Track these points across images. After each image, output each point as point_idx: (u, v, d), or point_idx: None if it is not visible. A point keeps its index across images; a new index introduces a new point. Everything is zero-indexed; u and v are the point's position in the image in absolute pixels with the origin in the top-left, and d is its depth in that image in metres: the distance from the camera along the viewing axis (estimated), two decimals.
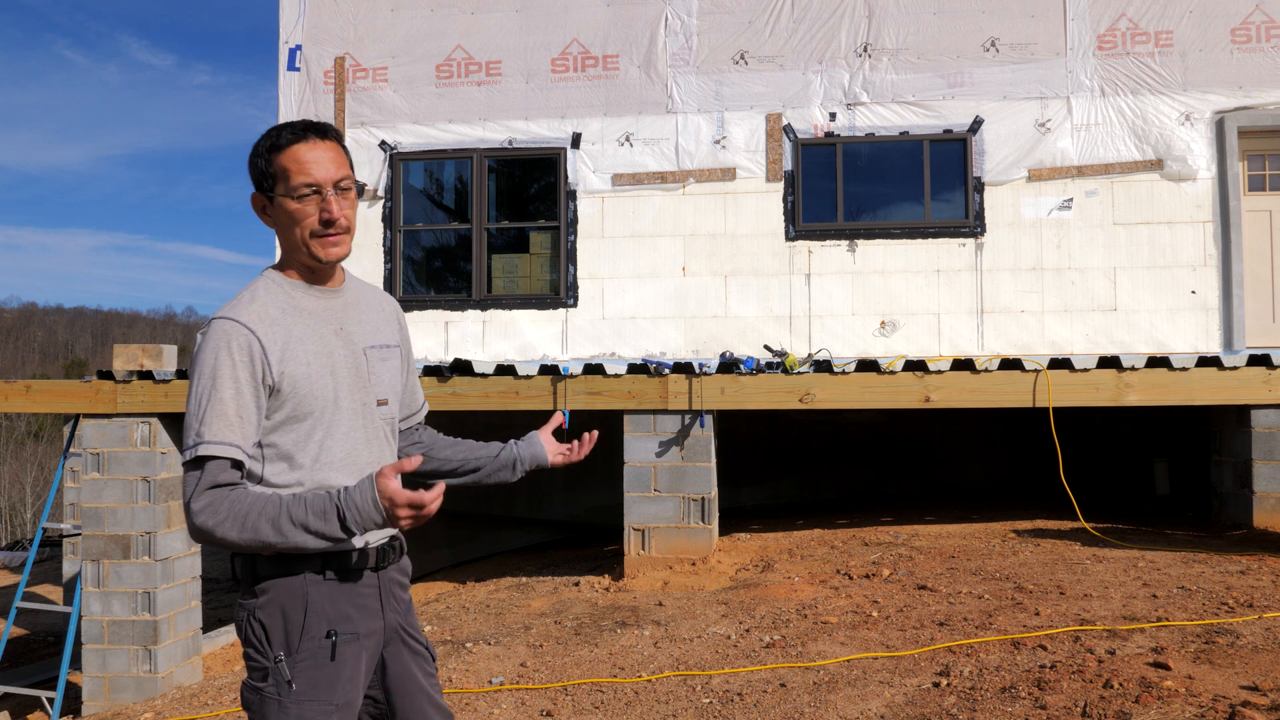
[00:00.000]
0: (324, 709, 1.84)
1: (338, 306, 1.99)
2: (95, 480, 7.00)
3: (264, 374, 1.83)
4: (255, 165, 1.92)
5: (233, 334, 1.82)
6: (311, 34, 9.15)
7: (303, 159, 1.88)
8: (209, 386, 1.80)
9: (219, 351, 1.81)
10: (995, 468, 9.56)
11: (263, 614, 1.86)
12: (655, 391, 6.76)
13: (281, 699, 1.83)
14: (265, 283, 1.93)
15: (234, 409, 1.79)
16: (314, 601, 1.86)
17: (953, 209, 8.40)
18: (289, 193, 1.88)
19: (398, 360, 2.12)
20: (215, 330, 1.83)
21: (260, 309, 1.87)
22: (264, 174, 1.91)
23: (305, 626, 1.85)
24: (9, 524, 37.62)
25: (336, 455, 1.92)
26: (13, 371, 64.24)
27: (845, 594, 5.48)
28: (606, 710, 4.19)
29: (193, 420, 1.79)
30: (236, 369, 1.80)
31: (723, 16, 8.65)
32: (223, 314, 1.85)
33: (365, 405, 1.98)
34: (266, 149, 1.90)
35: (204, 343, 1.84)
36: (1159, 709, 3.30)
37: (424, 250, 9.44)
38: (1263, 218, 8.22)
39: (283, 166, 1.88)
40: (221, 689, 6.22)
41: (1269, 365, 6.47)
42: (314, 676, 1.84)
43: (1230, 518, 6.84)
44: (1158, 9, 8.18)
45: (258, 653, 1.86)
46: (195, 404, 1.80)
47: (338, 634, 1.87)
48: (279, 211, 1.91)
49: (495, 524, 10.22)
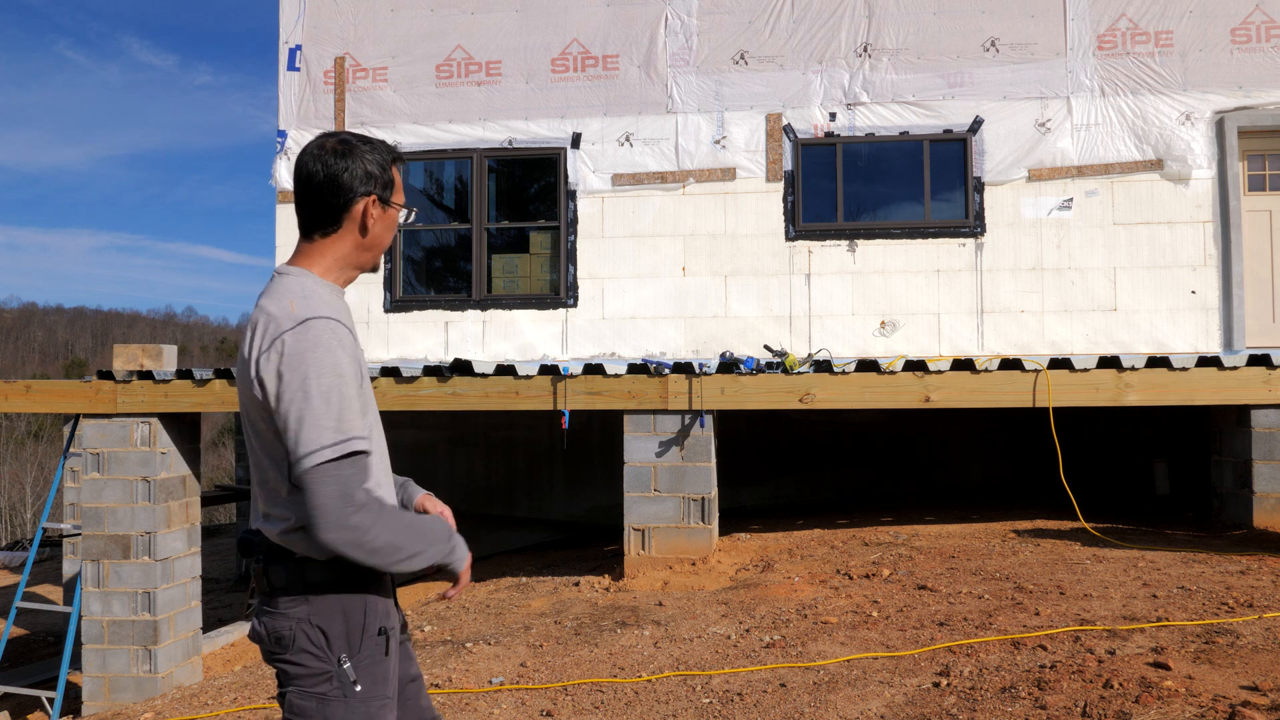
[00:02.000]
0: (385, 704, 1.91)
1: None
2: (95, 480, 7.00)
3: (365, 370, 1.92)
4: (380, 168, 1.96)
5: (338, 332, 1.84)
6: (311, 34, 9.15)
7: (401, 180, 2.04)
8: (334, 382, 1.79)
9: (334, 349, 1.81)
10: (995, 468, 9.56)
11: (320, 620, 1.86)
12: (655, 391, 6.76)
13: (348, 699, 1.85)
14: (313, 283, 1.93)
15: (359, 405, 1.84)
16: (371, 602, 1.91)
17: (953, 209, 8.40)
18: (401, 203, 2.02)
19: None
20: (321, 328, 1.81)
21: (339, 306, 1.91)
22: (390, 182, 1.98)
23: (365, 626, 1.89)
24: (9, 524, 37.62)
25: (381, 448, 2.01)
26: (13, 371, 64.24)
27: (845, 594, 5.48)
28: (606, 710, 4.19)
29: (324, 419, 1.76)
30: (354, 365, 1.85)
31: (723, 16, 8.65)
32: (318, 313, 1.83)
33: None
34: (391, 159, 1.99)
35: (309, 342, 1.80)
36: (1159, 709, 3.30)
37: (424, 250, 9.44)
38: (1263, 218, 8.22)
39: (398, 181, 2.01)
40: (221, 689, 6.22)
41: (1269, 365, 6.47)
42: (374, 673, 1.89)
43: (1230, 518, 6.83)
44: (1158, 9, 8.18)
45: (316, 658, 1.86)
46: (322, 402, 1.76)
47: (388, 630, 1.93)
48: (387, 220, 2.00)
49: (495, 524, 10.22)
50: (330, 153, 1.93)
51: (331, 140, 1.95)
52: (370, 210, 1.95)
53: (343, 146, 1.94)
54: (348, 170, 1.92)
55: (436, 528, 1.95)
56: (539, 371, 6.93)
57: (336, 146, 1.94)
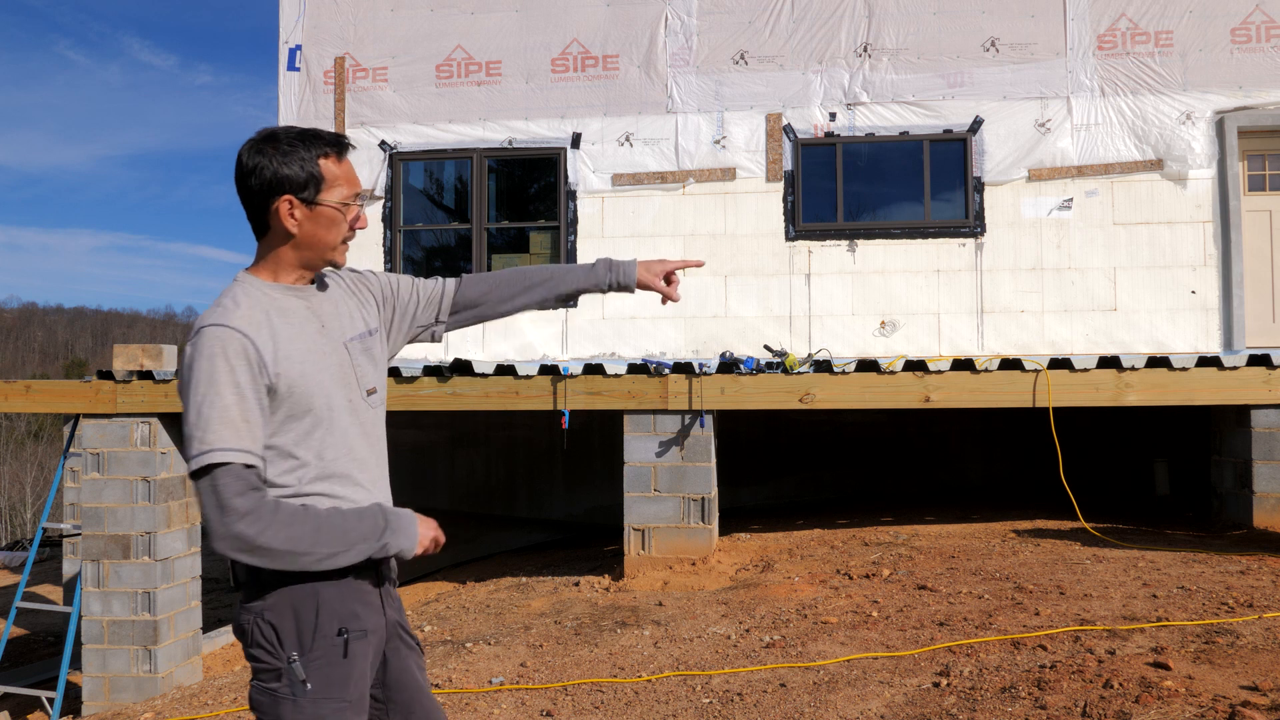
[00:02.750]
0: (339, 706, 1.86)
1: (315, 304, 1.99)
2: (95, 480, 7.00)
3: (262, 375, 1.82)
4: (298, 167, 1.88)
5: (226, 339, 1.79)
6: (311, 34, 9.15)
7: (349, 170, 1.97)
8: (207, 393, 1.76)
9: (214, 358, 1.77)
10: (995, 468, 9.56)
11: (272, 615, 1.85)
12: (655, 391, 6.76)
13: (296, 698, 1.84)
14: (244, 288, 1.90)
15: (238, 413, 1.77)
16: (325, 600, 1.87)
17: (953, 209, 8.40)
18: (339, 200, 1.93)
19: (378, 346, 2.13)
20: (207, 337, 1.79)
21: (246, 313, 1.84)
22: (311, 178, 1.90)
23: (318, 626, 1.86)
24: (9, 524, 37.63)
25: (337, 450, 1.93)
26: (13, 371, 64.25)
27: (845, 594, 5.48)
28: (606, 710, 4.19)
29: (194, 430, 1.75)
30: (236, 373, 1.78)
31: (723, 16, 8.64)
32: (211, 321, 1.81)
33: (353, 400, 1.99)
34: (318, 154, 1.91)
35: (195, 351, 1.79)
36: (1159, 709, 3.30)
37: (424, 250, 9.44)
38: (1263, 218, 8.22)
39: (333, 174, 1.93)
40: (221, 689, 6.22)
41: (1269, 365, 6.46)
42: (328, 674, 1.86)
43: (1230, 518, 6.83)
44: (1158, 9, 8.18)
45: (268, 654, 1.86)
46: (195, 413, 1.75)
47: (349, 631, 1.89)
48: (317, 217, 1.92)
49: (495, 524, 10.22)
50: (250, 152, 1.89)
51: (255, 140, 1.90)
52: (292, 212, 1.90)
53: (261, 146, 1.89)
54: (257, 174, 1.88)
55: (361, 525, 1.87)
56: (539, 371, 6.93)
57: (255, 147, 1.89)
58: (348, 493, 1.94)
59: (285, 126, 1.94)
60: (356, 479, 1.96)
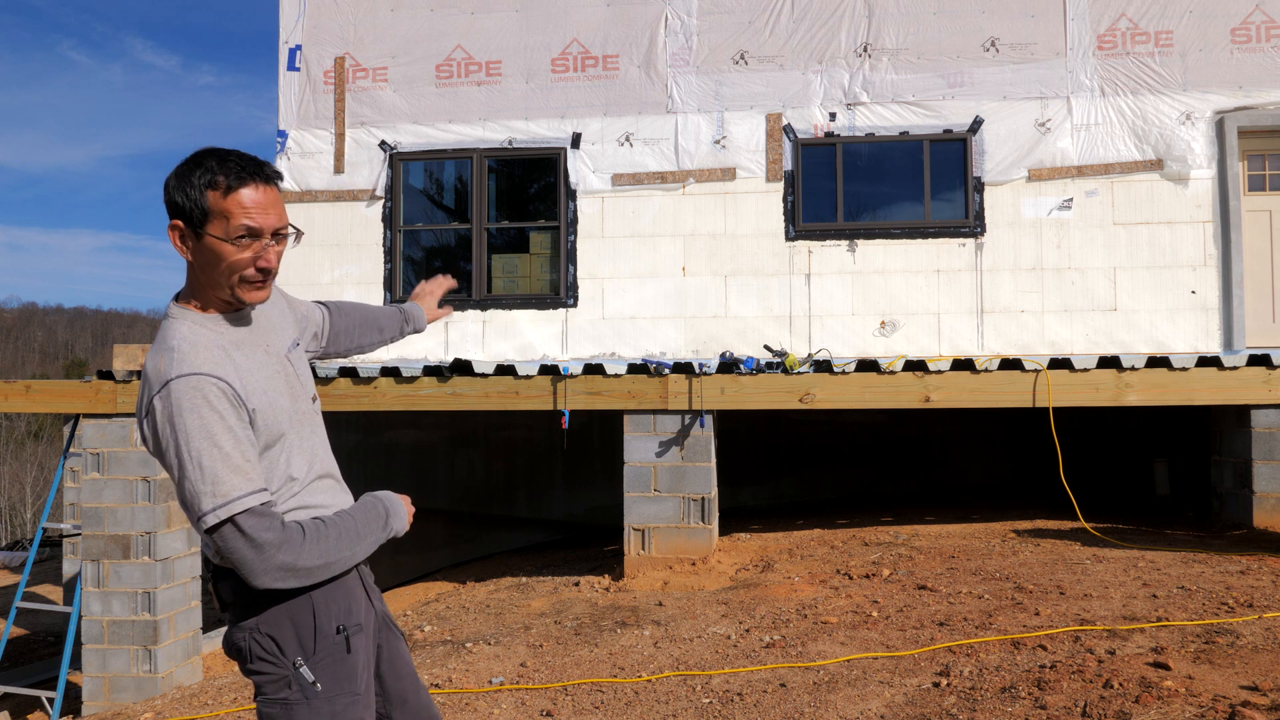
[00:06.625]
0: (351, 700, 1.91)
1: (255, 327, 1.97)
2: (95, 480, 7.00)
3: (243, 410, 1.80)
4: (184, 195, 1.79)
5: (203, 387, 1.75)
6: (311, 34, 9.15)
7: (246, 204, 1.80)
8: (205, 447, 1.72)
9: (200, 409, 1.73)
10: (995, 468, 9.56)
11: (269, 628, 1.87)
12: (655, 391, 6.76)
13: (309, 700, 1.86)
14: (188, 326, 1.83)
15: (240, 458, 1.75)
16: (319, 603, 1.90)
17: (953, 209, 8.40)
18: (225, 235, 1.80)
19: (303, 352, 2.15)
20: (180, 390, 1.73)
21: (206, 354, 1.79)
22: (196, 208, 1.79)
23: (317, 627, 1.89)
24: (9, 524, 37.63)
25: (302, 463, 1.96)
26: (13, 371, 64.24)
27: (845, 594, 5.48)
28: (606, 710, 4.19)
29: (201, 485, 1.71)
30: (225, 419, 1.75)
31: (723, 16, 8.64)
32: (177, 372, 1.75)
33: (303, 409, 2.01)
34: (205, 184, 1.79)
35: (174, 407, 1.73)
36: (1159, 709, 3.30)
37: (424, 250, 9.43)
38: (1263, 218, 8.22)
39: (222, 208, 1.79)
40: (221, 689, 6.22)
41: (1269, 365, 6.47)
42: (336, 672, 1.90)
43: (1230, 518, 6.83)
44: (1158, 9, 8.18)
45: (272, 665, 1.87)
46: (195, 469, 1.71)
47: (347, 628, 1.93)
48: (206, 250, 1.81)
49: (495, 524, 10.22)
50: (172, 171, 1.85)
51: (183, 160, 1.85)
52: (184, 240, 1.83)
53: (180, 167, 1.83)
54: (164, 194, 1.84)
55: (369, 517, 1.96)
56: (539, 371, 6.93)
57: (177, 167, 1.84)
58: (331, 496, 2.01)
59: (214, 150, 1.85)
60: (334, 477, 2.05)
